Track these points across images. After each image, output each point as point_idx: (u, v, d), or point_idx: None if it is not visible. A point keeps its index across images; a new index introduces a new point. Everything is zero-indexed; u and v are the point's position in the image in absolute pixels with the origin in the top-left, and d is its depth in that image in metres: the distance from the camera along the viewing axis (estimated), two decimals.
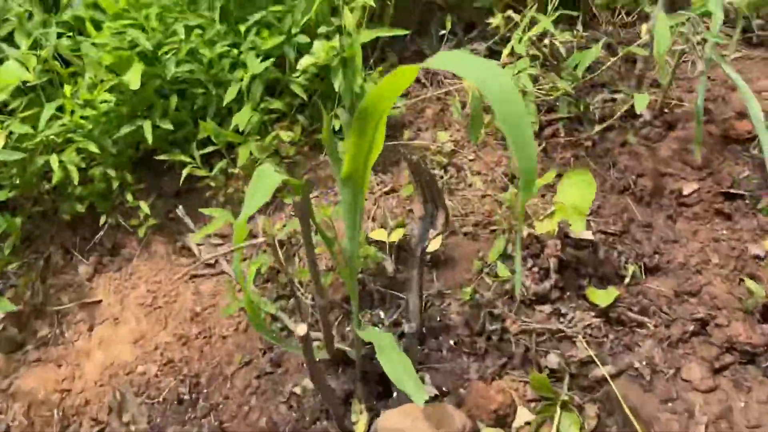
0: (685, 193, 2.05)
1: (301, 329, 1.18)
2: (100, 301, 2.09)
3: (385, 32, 2.13)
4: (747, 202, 2.01)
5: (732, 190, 2.03)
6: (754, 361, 1.67)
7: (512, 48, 2.16)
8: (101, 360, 1.95)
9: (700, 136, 1.98)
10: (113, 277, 2.12)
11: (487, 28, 2.50)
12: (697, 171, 2.09)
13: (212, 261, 2.14)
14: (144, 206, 2.08)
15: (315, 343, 1.77)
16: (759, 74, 2.30)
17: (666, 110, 2.25)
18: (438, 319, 1.82)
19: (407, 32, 2.17)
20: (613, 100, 2.30)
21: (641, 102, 1.87)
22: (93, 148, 1.98)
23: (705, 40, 1.74)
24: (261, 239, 1.22)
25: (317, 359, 1.67)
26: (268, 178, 1.21)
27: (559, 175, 1.86)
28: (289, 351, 1.57)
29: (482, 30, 2.54)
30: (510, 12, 2.22)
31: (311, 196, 2.15)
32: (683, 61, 2.26)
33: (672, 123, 2.22)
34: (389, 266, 1.89)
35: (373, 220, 2.01)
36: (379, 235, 1.90)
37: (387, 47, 2.51)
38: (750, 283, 1.77)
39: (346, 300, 1.91)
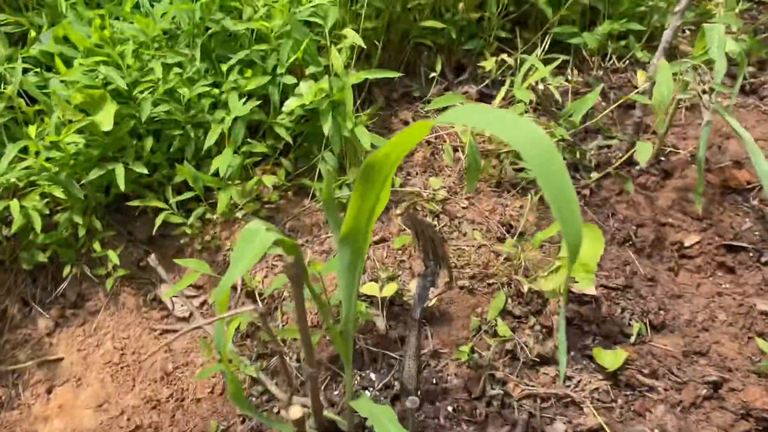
0: (686, 244, 1.98)
1: (295, 412, 1.03)
2: (61, 359, 1.90)
3: (375, 74, 2.03)
4: (751, 255, 1.94)
5: (734, 243, 1.96)
6: None
7: (505, 92, 2.09)
8: (61, 427, 1.76)
9: (701, 187, 1.91)
10: (76, 332, 1.94)
11: (477, 70, 2.44)
12: (697, 222, 2.02)
13: (186, 314, 1.97)
14: (113, 255, 1.92)
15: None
16: (754, 122, 2.27)
17: (662, 158, 2.19)
18: (434, 381, 1.68)
19: (398, 74, 2.08)
20: (608, 146, 2.24)
21: (644, 152, 1.80)
22: (59, 192, 1.83)
23: (712, 89, 1.68)
24: (247, 308, 1.09)
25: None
26: (258, 238, 1.07)
27: None
28: (272, 427, 1.42)
29: (473, 72, 2.47)
30: (504, 56, 2.16)
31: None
32: (678, 108, 2.21)
33: (669, 171, 2.16)
34: (381, 324, 1.76)
35: (363, 272, 1.88)
36: (370, 289, 1.77)
37: (374, 88, 2.42)
38: (762, 343, 1.68)
39: (333, 360, 1.77)
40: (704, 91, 1.69)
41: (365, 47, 2.21)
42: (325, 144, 2.03)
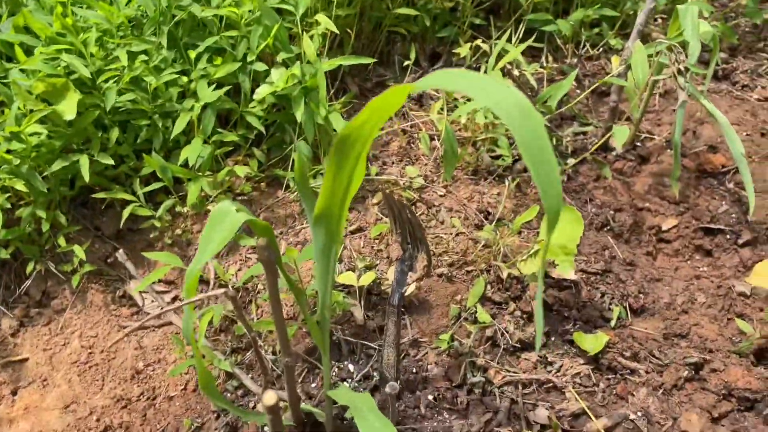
0: (664, 228, 1.97)
1: (269, 398, 0.98)
2: (26, 360, 1.82)
3: (349, 60, 1.99)
4: (728, 237, 1.94)
5: (711, 225, 1.96)
6: (753, 407, 1.56)
7: None
8: (27, 429, 1.69)
9: (678, 171, 1.90)
10: (42, 331, 1.86)
11: (452, 58, 2.41)
12: (674, 206, 2.01)
13: (157, 310, 1.91)
14: (79, 250, 1.84)
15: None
16: (727, 108, 2.28)
17: (638, 143, 2.19)
18: (414, 371, 1.64)
19: (372, 61, 2.04)
20: (584, 133, 2.23)
21: (621, 136, 1.79)
22: (20, 186, 1.75)
23: (687, 69, 1.67)
24: (217, 291, 1.04)
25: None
26: (228, 218, 1.03)
27: (541, 214, 1.75)
28: (248, 420, 1.37)
29: (447, 60, 2.44)
30: (478, 41, 2.13)
31: None
32: (652, 94, 2.21)
33: (645, 156, 2.16)
34: (358, 314, 1.72)
35: (340, 262, 1.84)
36: (347, 279, 1.72)
37: (348, 78, 2.38)
38: (741, 324, 1.68)
39: (310, 352, 1.72)
40: (679, 72, 1.68)
41: (338, 35, 2.17)
42: (299, 133, 1.99)
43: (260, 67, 1.94)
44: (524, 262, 1.61)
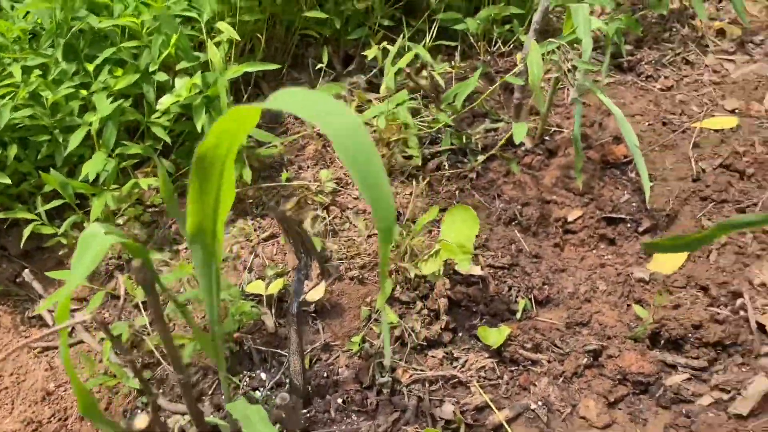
0: (569, 219, 2.03)
1: (140, 422, 0.99)
2: None
3: (254, 67, 1.98)
4: (629, 225, 2.01)
5: (614, 215, 2.03)
6: (647, 390, 1.63)
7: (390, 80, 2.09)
8: None
9: (580, 163, 1.97)
10: None
11: (365, 60, 2.43)
12: (579, 197, 2.08)
13: (68, 329, 1.88)
14: None
15: (187, 417, 1.57)
16: (632, 99, 2.35)
17: (546, 138, 2.25)
18: (325, 375, 1.66)
19: (278, 66, 2.04)
20: (495, 129, 2.28)
21: (520, 132, 1.84)
22: None
23: (575, 67, 1.73)
24: (85, 316, 1.03)
25: None
26: (95, 241, 1.02)
27: (444, 210, 1.78)
28: None
29: (361, 62, 2.46)
30: (385, 43, 2.15)
31: (180, 248, 1.95)
32: (559, 88, 2.27)
33: (553, 150, 2.21)
34: (269, 322, 1.73)
35: (250, 271, 1.84)
36: (255, 288, 1.73)
37: (262, 82, 2.37)
38: (638, 309, 1.75)
39: None
40: (569, 69, 1.73)
41: (248, 41, 2.17)
42: None
43: (162, 77, 1.92)
44: (425, 262, 1.64)
